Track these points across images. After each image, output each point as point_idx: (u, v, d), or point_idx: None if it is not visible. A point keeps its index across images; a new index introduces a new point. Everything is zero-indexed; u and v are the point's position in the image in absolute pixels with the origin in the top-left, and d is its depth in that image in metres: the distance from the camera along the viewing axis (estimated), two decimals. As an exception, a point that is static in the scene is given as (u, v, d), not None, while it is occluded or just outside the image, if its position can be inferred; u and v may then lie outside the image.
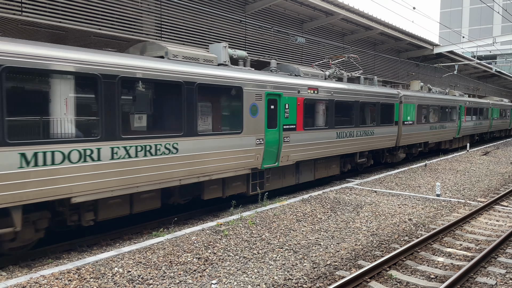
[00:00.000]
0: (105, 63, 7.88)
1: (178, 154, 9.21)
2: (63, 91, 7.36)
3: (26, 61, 6.84)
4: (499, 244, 7.98)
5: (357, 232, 9.07)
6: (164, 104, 9.08)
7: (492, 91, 50.54)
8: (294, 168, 13.19)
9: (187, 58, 10.01)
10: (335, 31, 21.79)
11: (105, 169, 7.89)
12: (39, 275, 6.34)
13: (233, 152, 10.54)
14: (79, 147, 7.49)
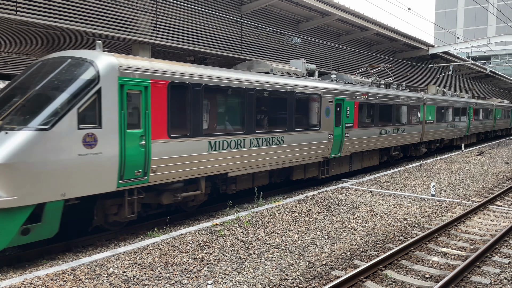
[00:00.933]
0: (249, 80, 11.27)
1: (284, 145, 12.45)
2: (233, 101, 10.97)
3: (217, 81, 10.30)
4: (493, 244, 8.03)
5: (352, 232, 9.09)
6: (274, 108, 12.20)
7: (487, 91, 50.83)
8: (349, 158, 16.15)
9: (284, 73, 13.22)
10: (331, 32, 21.84)
11: (243, 154, 11.10)
12: (33, 276, 6.31)
13: (314, 144, 13.72)
14: (234, 138, 10.79)
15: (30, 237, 7.17)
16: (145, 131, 8.56)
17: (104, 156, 7.81)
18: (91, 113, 7.70)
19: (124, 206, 8.56)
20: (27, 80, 8.04)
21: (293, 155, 12.83)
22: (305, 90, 13.22)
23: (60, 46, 15.97)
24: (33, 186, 6.92)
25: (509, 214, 10.76)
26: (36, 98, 7.49)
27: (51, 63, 8.23)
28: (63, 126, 7.27)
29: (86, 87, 7.63)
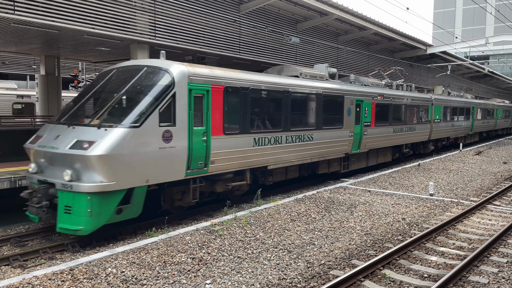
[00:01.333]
0: (285, 83, 12.66)
1: (313, 141, 13.78)
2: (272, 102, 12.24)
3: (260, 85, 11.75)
4: (491, 243, 8.05)
5: (351, 231, 9.09)
6: (305, 108, 13.57)
7: (485, 91, 50.91)
8: (365, 154, 17.38)
9: (311, 76, 14.54)
10: (330, 31, 21.84)
11: (280, 149, 12.47)
12: (31, 276, 6.30)
13: (337, 141, 15.03)
14: (274, 135, 12.16)
15: (122, 216, 8.59)
16: (206, 128, 10.06)
17: (177, 149, 9.28)
18: (168, 113, 9.10)
19: (189, 192, 10.01)
20: (108, 85, 9.57)
21: (320, 151, 14.28)
22: (331, 92, 14.68)
23: (59, 45, 15.94)
24: (126, 173, 8.31)
25: (507, 214, 10.78)
26: (123, 101, 8.98)
27: (128, 70, 9.74)
28: (148, 124, 8.66)
29: (165, 92, 9.06)
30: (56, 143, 8.46)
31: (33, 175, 8.75)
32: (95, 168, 7.98)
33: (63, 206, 8.13)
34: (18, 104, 21.53)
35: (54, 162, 8.43)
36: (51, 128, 9.13)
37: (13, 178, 9.86)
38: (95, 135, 8.18)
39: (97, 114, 8.75)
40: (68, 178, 8.02)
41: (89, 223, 8.05)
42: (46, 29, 12.11)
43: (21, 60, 26.53)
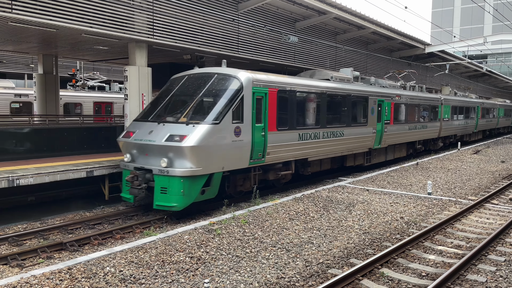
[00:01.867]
0: (323, 86, 14.49)
1: (344, 137, 15.56)
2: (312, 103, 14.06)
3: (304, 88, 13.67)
4: (489, 242, 8.06)
5: (349, 230, 9.10)
6: (337, 108, 15.29)
7: (483, 90, 50.99)
8: (385, 150, 19.17)
9: (340, 79, 16.19)
10: (328, 30, 21.83)
11: (318, 143, 14.26)
12: (30, 275, 6.29)
13: (363, 137, 16.79)
14: (313, 131, 13.93)
15: (204, 196, 10.43)
16: (264, 125, 11.85)
17: (244, 142, 11.09)
18: (238, 112, 10.89)
19: (249, 179, 11.99)
20: (184, 89, 11.52)
21: (348, 146, 16.07)
22: (358, 93, 16.44)
23: (56, 44, 15.90)
24: (209, 161, 10.16)
25: (505, 212, 10.81)
26: (203, 102, 10.82)
27: (199, 77, 11.65)
28: (225, 121, 10.46)
29: (236, 95, 10.87)
30: (151, 137, 10.33)
31: (128, 163, 10.76)
32: (187, 157, 9.80)
33: (160, 187, 9.95)
34: (16, 103, 21.48)
35: (150, 152, 10.31)
36: (140, 125, 11.02)
37: (11, 177, 9.85)
38: (185, 130, 10.03)
39: (183, 113, 10.58)
40: (164, 164, 9.86)
41: (181, 201, 9.84)
42: (44, 28, 12.07)
43: (19, 59, 26.46)
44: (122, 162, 11.05)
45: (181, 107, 10.86)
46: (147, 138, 10.37)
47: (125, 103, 14.35)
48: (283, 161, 12.84)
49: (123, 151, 11.17)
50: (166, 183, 9.86)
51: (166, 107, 11.20)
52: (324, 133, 14.49)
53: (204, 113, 10.42)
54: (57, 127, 13.57)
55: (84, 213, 11.17)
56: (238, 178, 11.67)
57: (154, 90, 21.31)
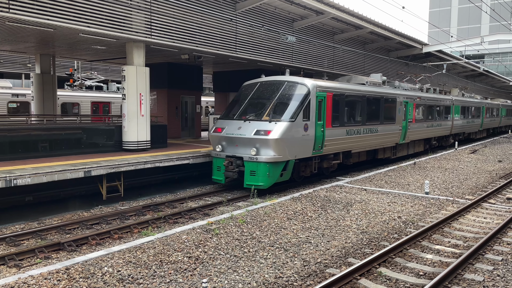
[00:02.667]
0: (364, 90, 17.06)
1: (378, 133, 18.14)
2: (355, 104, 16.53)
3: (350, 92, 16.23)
4: (486, 241, 8.09)
5: (347, 230, 9.12)
6: (373, 108, 17.78)
7: (480, 90, 51.11)
8: (407, 145, 21.74)
9: (373, 83, 18.69)
10: (326, 30, 21.85)
11: (359, 138, 16.78)
12: (27, 275, 6.28)
13: (392, 133, 19.38)
14: (356, 128, 16.43)
15: (282, 178, 13.07)
16: (323, 122, 14.37)
17: (310, 136, 13.65)
18: (306, 112, 13.43)
19: (310, 166, 14.52)
20: (260, 94, 14.05)
21: (381, 140, 18.60)
22: (388, 95, 19.03)
23: (54, 44, 15.86)
24: (287, 150, 12.70)
25: (502, 212, 10.85)
26: (280, 105, 13.34)
27: (272, 84, 14.14)
28: (298, 119, 13.03)
29: (305, 98, 13.42)
30: (241, 131, 12.98)
31: (220, 152, 13.43)
32: (271, 147, 12.42)
33: (249, 171, 12.67)
34: (13, 103, 21.42)
35: (240, 143, 12.95)
36: (227, 123, 13.69)
37: (9, 177, 9.82)
38: (269, 126, 12.63)
39: (264, 113, 13.21)
40: (253, 153, 12.55)
41: (267, 181, 12.56)
42: (41, 28, 12.04)
43: (16, 58, 26.39)
44: (213, 152, 13.77)
45: (261, 108, 13.50)
46: (237, 133, 13.05)
47: (123, 103, 14.33)
48: (334, 152, 15.47)
49: (213, 143, 13.91)
50: (255, 167, 12.59)
51: (246, 108, 13.82)
52: (364, 129, 17.13)
53: (282, 113, 13.04)
54: (55, 127, 13.54)
55: (82, 213, 11.16)
56: (301, 165, 14.24)
57: (152, 89, 21.31)
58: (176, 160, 13.62)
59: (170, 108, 21.12)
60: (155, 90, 21.36)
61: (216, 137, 13.72)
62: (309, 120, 13.53)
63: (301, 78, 14.11)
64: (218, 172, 13.47)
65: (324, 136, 14.39)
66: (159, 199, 12.83)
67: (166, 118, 20.80)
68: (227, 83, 25.21)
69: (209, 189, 14.19)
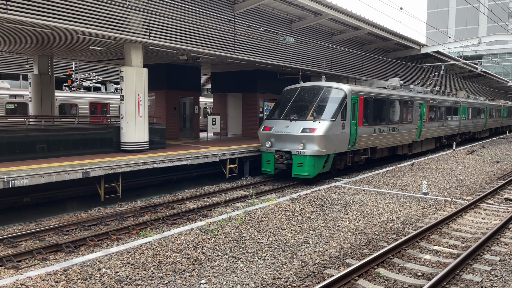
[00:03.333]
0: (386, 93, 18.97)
1: (398, 131, 20.13)
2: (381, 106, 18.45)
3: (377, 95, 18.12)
4: (484, 242, 8.10)
5: (345, 230, 9.12)
6: (394, 109, 19.79)
7: (478, 90, 51.22)
8: (421, 142, 23.74)
9: (393, 87, 20.85)
10: (324, 31, 21.87)
11: (384, 136, 18.74)
12: (25, 277, 6.26)
13: (409, 131, 21.35)
14: (381, 126, 18.32)
15: (324, 169, 15.07)
16: (356, 122, 16.32)
17: (346, 134, 15.65)
18: (343, 113, 15.38)
19: (344, 160, 16.54)
20: (302, 97, 15.92)
21: (400, 138, 20.60)
22: (407, 98, 21.10)
23: (52, 45, 15.84)
24: (328, 145, 14.76)
25: (500, 212, 10.87)
26: (321, 106, 15.28)
27: (312, 89, 16.05)
28: (337, 119, 15.03)
29: (342, 101, 15.38)
30: (289, 130, 14.90)
31: (270, 148, 15.39)
32: (316, 142, 14.46)
33: (297, 163, 14.62)
34: (11, 104, 21.37)
35: (288, 140, 14.89)
36: (275, 122, 15.63)
37: (6, 178, 9.80)
38: (313, 125, 14.63)
39: (308, 113, 15.19)
40: (301, 148, 14.54)
41: (312, 172, 14.58)
42: (39, 29, 12.03)
43: (14, 59, 26.34)
44: (262, 147, 15.75)
45: (304, 110, 15.43)
46: (286, 130, 14.99)
47: (121, 104, 14.32)
48: (364, 148, 17.45)
49: (262, 140, 15.81)
50: (302, 160, 14.58)
51: (290, 110, 15.78)
52: (387, 128, 19.07)
53: (324, 114, 15.01)
54: (53, 128, 13.51)
55: (80, 214, 11.14)
56: (337, 159, 16.12)
57: (151, 90, 21.29)
58: (174, 161, 13.62)
59: (169, 109, 21.11)
60: (153, 91, 21.34)
61: (265, 134, 15.66)
62: (345, 120, 15.55)
63: (337, 83, 16.15)
64: (268, 164, 15.53)
65: (356, 134, 16.47)
66: (158, 200, 12.81)
67: (164, 119, 20.79)
68: (225, 84, 25.22)
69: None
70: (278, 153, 15.07)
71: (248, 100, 24.08)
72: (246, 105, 24.20)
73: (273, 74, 24.19)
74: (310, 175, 14.51)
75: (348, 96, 15.65)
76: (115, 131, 14.81)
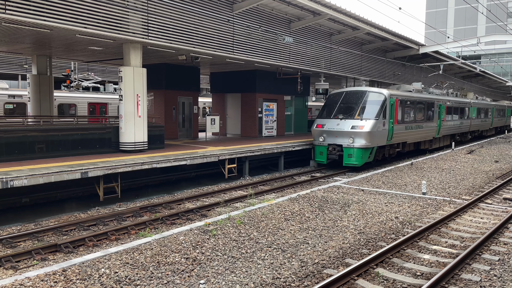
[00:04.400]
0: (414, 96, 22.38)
1: (423, 129, 23.32)
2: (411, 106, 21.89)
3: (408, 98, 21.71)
4: (483, 241, 8.11)
5: (344, 230, 9.13)
6: (421, 109, 22.93)
7: (477, 90, 51.26)
8: (439, 139, 27.15)
9: (417, 90, 24.14)
10: (323, 31, 21.88)
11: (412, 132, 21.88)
12: (24, 277, 6.25)
13: (430, 129, 24.57)
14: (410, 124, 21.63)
15: (369, 159, 18.13)
16: (392, 120, 19.40)
17: (385, 130, 18.72)
18: (384, 113, 18.44)
19: (382, 152, 19.73)
20: (347, 100, 19.02)
21: (424, 134, 23.75)
22: (429, 99, 24.41)
23: (50, 45, 15.82)
24: (373, 140, 17.85)
25: (498, 212, 10.88)
26: (366, 108, 18.33)
27: (356, 93, 19.21)
28: (379, 118, 18.14)
29: (383, 103, 18.48)
30: (340, 127, 18.14)
31: (322, 142, 18.69)
32: (363, 137, 17.69)
33: (347, 154, 17.93)
34: (10, 104, 21.34)
35: (339, 135, 18.14)
36: (326, 121, 18.85)
37: (5, 178, 9.78)
38: (361, 123, 17.84)
39: (355, 113, 18.38)
40: (351, 141, 17.79)
41: (360, 161, 17.83)
42: (38, 29, 12.01)
43: (12, 59, 26.30)
44: (316, 141, 19.11)
45: (351, 110, 18.64)
46: (337, 127, 18.28)
47: (120, 104, 14.31)
48: (397, 143, 20.67)
49: (315, 135, 19.06)
50: (352, 152, 17.90)
51: (339, 110, 18.96)
52: (415, 125, 22.21)
53: (369, 114, 18.22)
54: (51, 128, 13.50)
55: (78, 215, 11.13)
56: (377, 151, 19.23)
57: (149, 90, 21.26)
58: (173, 161, 13.61)
59: (167, 109, 21.10)
60: (152, 91, 21.32)
61: (318, 131, 18.96)
62: (385, 119, 18.71)
63: (378, 88, 19.58)
64: (321, 155, 18.91)
65: (393, 130, 19.66)
66: (156, 200, 12.80)
67: (163, 119, 20.77)
68: (224, 84, 25.20)
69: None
70: (331, 146, 18.46)
71: (247, 100, 24.08)
72: (245, 105, 24.20)
73: (272, 74, 24.18)
74: (358, 164, 17.88)
75: (388, 99, 18.86)
76: (114, 131, 14.79)
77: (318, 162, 19.14)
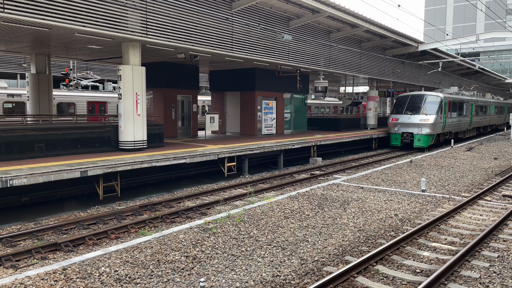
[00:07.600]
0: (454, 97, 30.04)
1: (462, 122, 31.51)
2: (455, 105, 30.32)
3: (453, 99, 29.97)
4: (482, 238, 8.13)
5: (344, 228, 9.14)
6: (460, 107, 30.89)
7: (476, 87, 51.26)
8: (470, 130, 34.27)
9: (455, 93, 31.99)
10: (321, 29, 21.86)
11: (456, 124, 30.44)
12: (24, 276, 6.26)
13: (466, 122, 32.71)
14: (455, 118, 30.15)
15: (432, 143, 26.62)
16: (445, 115, 26.96)
17: (441, 122, 26.92)
18: (440, 110, 26.48)
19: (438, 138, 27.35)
20: (413, 101, 26.91)
21: (462, 126, 31.16)
22: (466, 100, 31.73)
23: (49, 44, 15.80)
24: (434, 129, 26.15)
25: (498, 209, 10.90)
26: (428, 106, 26.33)
27: (418, 96, 27.05)
28: (438, 113, 26.28)
29: (440, 103, 26.47)
30: (411, 120, 26.06)
31: (397, 130, 26.44)
32: (429, 127, 25.61)
33: (417, 139, 25.75)
34: (9, 103, 21.32)
35: (410, 126, 26.05)
36: (399, 116, 26.61)
37: (4, 178, 9.78)
38: (426, 117, 25.75)
39: (421, 111, 26.07)
40: (420, 130, 25.65)
41: (426, 144, 25.81)
42: (37, 27, 11.99)
43: (11, 58, 26.25)
44: (392, 131, 26.81)
45: (417, 108, 26.20)
46: (409, 120, 26.04)
47: (119, 103, 14.30)
48: (447, 132, 27.94)
49: (391, 126, 26.84)
50: (420, 137, 25.58)
51: (407, 108, 26.50)
52: (458, 119, 29.79)
53: (431, 110, 25.83)
54: (51, 127, 13.49)
55: (78, 213, 11.14)
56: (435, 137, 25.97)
57: (149, 89, 21.25)
58: (172, 160, 13.61)
59: (167, 107, 21.09)
60: (151, 90, 21.31)
61: (393, 123, 26.70)
62: (441, 114, 26.18)
63: (435, 92, 27.34)
64: (396, 140, 26.63)
65: (445, 122, 27.12)
66: (156, 199, 12.81)
67: (162, 118, 20.76)
68: (223, 82, 25.19)
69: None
70: (404, 133, 26.13)
71: (246, 98, 24.07)
72: (244, 103, 24.19)
73: (271, 72, 24.17)
74: (425, 146, 25.62)
75: (443, 100, 26.51)
76: (113, 130, 14.79)
77: (393, 145, 26.87)
